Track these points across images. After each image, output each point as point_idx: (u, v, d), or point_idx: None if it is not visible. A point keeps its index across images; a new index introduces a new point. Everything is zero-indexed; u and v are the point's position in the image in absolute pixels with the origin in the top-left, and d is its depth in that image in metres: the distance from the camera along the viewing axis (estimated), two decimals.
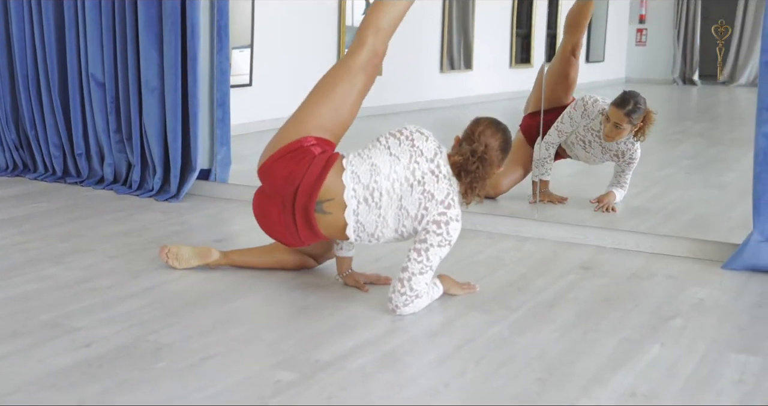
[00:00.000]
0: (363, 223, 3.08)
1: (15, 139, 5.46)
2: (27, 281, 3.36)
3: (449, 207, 3.04)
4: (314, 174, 3.10)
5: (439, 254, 3.04)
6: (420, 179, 3.07)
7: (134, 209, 4.61)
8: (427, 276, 3.04)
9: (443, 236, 3.02)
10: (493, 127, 3.14)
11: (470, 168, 3.08)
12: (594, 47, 6.85)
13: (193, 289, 3.32)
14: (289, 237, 3.21)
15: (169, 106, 4.77)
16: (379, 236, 3.12)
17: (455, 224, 3.04)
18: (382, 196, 3.07)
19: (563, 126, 4.74)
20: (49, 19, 5.15)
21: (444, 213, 3.03)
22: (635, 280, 3.52)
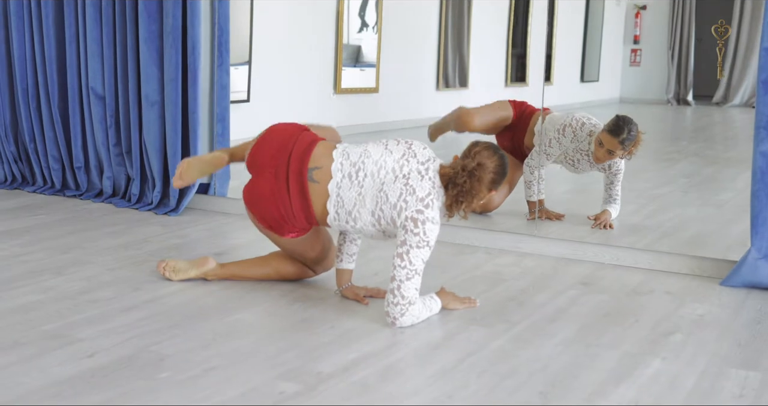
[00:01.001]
0: (343, 198, 3.18)
1: (14, 152, 5.47)
2: (28, 292, 3.36)
3: (428, 206, 3.07)
4: (305, 142, 3.28)
5: (421, 257, 3.06)
6: (406, 174, 3.13)
7: (133, 223, 4.62)
8: (415, 281, 3.06)
9: (420, 237, 3.04)
10: (491, 150, 3.16)
11: (458, 181, 3.10)
12: (588, 67, 6.90)
13: (193, 302, 3.32)
14: (282, 210, 3.25)
15: (169, 121, 4.79)
16: (356, 217, 3.17)
17: (431, 225, 3.06)
18: (366, 177, 3.17)
19: (551, 149, 4.74)
20: (50, 33, 5.17)
21: (422, 211, 3.06)
22: (634, 296, 3.53)
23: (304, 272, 3.59)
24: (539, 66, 6.39)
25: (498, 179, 3.17)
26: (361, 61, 6.92)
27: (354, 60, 6.87)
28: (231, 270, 3.58)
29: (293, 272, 3.58)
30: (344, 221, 3.21)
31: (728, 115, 6.63)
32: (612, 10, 6.87)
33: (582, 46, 6.85)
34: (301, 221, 3.29)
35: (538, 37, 6.38)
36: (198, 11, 4.69)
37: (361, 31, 6.91)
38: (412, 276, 3.05)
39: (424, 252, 3.06)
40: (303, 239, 3.41)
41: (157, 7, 4.78)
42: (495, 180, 3.16)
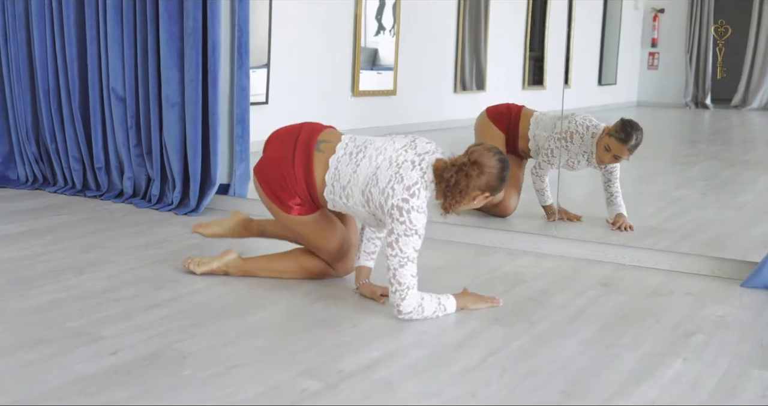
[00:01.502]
0: (340, 172, 3.28)
1: (35, 153, 5.51)
2: (50, 290, 3.39)
3: (413, 195, 3.10)
4: (318, 124, 3.49)
5: (411, 245, 3.10)
6: (400, 163, 3.18)
7: (154, 223, 4.65)
8: (409, 268, 3.10)
9: (407, 225, 3.08)
10: (491, 152, 3.16)
11: (445, 175, 3.13)
12: (606, 70, 6.89)
13: (215, 301, 3.34)
14: (284, 172, 3.35)
15: (190, 122, 4.82)
16: (348, 194, 3.26)
17: (416, 214, 3.09)
18: (364, 158, 3.26)
19: (557, 158, 4.75)
20: (71, 34, 5.20)
21: (407, 200, 3.09)
22: (655, 297, 3.53)
23: (326, 269, 3.61)
24: (556, 69, 6.38)
25: (493, 182, 3.15)
26: (378, 64, 6.93)
27: (371, 63, 6.89)
28: (253, 263, 3.64)
29: (315, 267, 3.60)
30: (338, 196, 3.30)
31: (747, 118, 6.61)
32: (630, 13, 6.85)
33: (600, 50, 6.83)
34: (302, 186, 3.35)
35: (555, 40, 6.38)
36: (218, 13, 4.71)
37: (378, 34, 6.93)
38: (405, 263, 3.10)
39: (413, 240, 3.11)
40: (312, 223, 3.46)
41: (177, 9, 4.81)
42: (490, 182, 3.15)
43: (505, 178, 3.19)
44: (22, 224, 4.54)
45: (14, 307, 3.17)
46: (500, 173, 3.16)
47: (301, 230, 3.50)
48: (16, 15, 5.40)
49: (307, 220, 3.45)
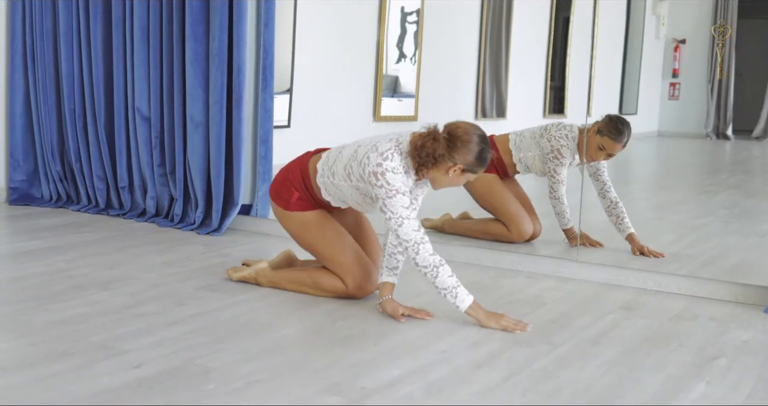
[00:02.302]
0: (329, 157, 3.51)
1: (60, 171, 5.56)
2: (75, 305, 3.41)
3: (386, 159, 3.26)
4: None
5: (399, 204, 3.25)
6: (378, 139, 3.39)
7: (176, 241, 4.67)
8: (407, 225, 3.25)
9: (386, 187, 3.25)
10: (472, 127, 3.30)
11: (418, 143, 3.26)
12: (627, 100, 6.89)
13: (237, 318, 3.35)
14: (285, 173, 3.65)
15: (213, 142, 4.85)
16: (334, 171, 3.45)
17: (392, 174, 3.25)
18: (349, 144, 3.50)
19: (563, 174, 4.77)
20: (98, 54, 5.27)
21: (380, 164, 3.26)
22: (678, 321, 3.52)
23: (338, 286, 3.62)
24: (577, 98, 6.39)
25: (469, 157, 3.27)
26: (399, 91, 6.96)
27: (392, 90, 6.92)
28: (279, 275, 3.76)
29: (327, 283, 3.63)
30: (326, 176, 3.48)
31: None
32: (651, 44, 6.86)
33: (621, 79, 6.84)
34: (298, 179, 3.58)
35: (577, 69, 6.39)
36: (244, 35, 4.76)
37: (399, 62, 6.96)
38: (401, 222, 3.25)
39: (398, 199, 3.25)
40: (315, 224, 3.61)
41: (203, 30, 4.86)
42: (465, 157, 3.26)
43: (484, 158, 3.31)
44: (46, 240, 4.57)
45: (39, 320, 3.20)
46: (477, 148, 3.28)
47: (307, 236, 3.63)
48: (44, 35, 5.48)
49: (309, 219, 3.61)
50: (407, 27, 6.69)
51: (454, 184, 3.40)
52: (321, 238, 3.61)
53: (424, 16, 6.65)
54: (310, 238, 3.64)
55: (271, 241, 4.80)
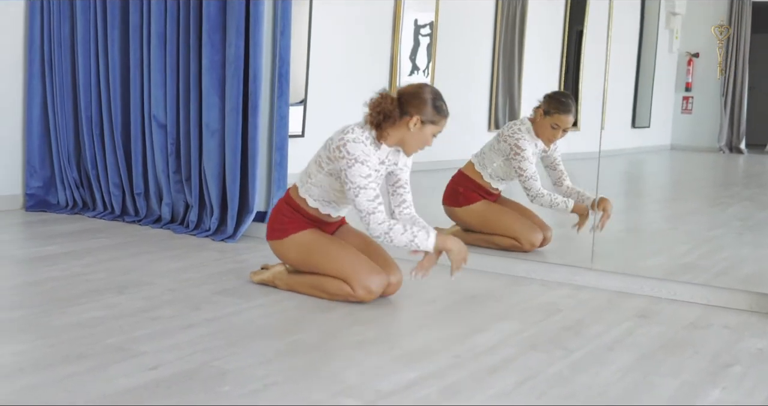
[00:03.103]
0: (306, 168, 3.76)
1: (76, 178, 5.60)
2: (91, 308, 3.43)
3: (347, 132, 3.51)
4: None
5: (357, 173, 3.44)
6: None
7: (191, 248, 4.69)
8: (363, 195, 3.45)
9: (346, 158, 3.45)
10: (422, 84, 3.60)
11: (373, 106, 3.54)
12: (640, 114, 6.90)
13: (252, 322, 3.37)
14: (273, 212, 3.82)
15: (229, 149, 4.88)
16: (309, 172, 3.67)
17: (353, 144, 3.46)
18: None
19: (531, 165, 4.79)
20: (115, 62, 5.31)
21: (342, 138, 3.50)
22: (692, 329, 3.52)
23: (342, 287, 3.63)
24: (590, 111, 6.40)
25: (422, 106, 3.49)
26: None
27: None
28: (295, 278, 3.80)
29: (332, 286, 3.66)
30: (305, 182, 3.67)
31: None
32: (664, 57, 6.87)
33: (634, 93, 6.85)
34: (282, 206, 3.76)
35: (589, 82, 6.40)
36: (260, 42, 4.79)
37: (412, 73, 6.99)
38: (358, 192, 3.45)
39: (357, 168, 3.44)
40: (312, 242, 3.69)
41: (220, 38, 4.90)
42: (419, 106, 3.49)
43: (438, 105, 3.54)
44: (62, 245, 4.60)
45: (56, 323, 3.22)
46: (429, 96, 3.52)
47: (308, 257, 3.70)
48: (62, 42, 5.52)
49: (306, 239, 3.70)
50: (420, 39, 6.72)
51: (421, 142, 3.58)
52: (321, 254, 3.67)
53: (437, 29, 6.67)
54: (311, 258, 3.70)
55: None
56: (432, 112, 3.52)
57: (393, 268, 3.71)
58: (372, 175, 3.48)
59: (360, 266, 3.62)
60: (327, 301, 3.67)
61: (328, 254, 3.66)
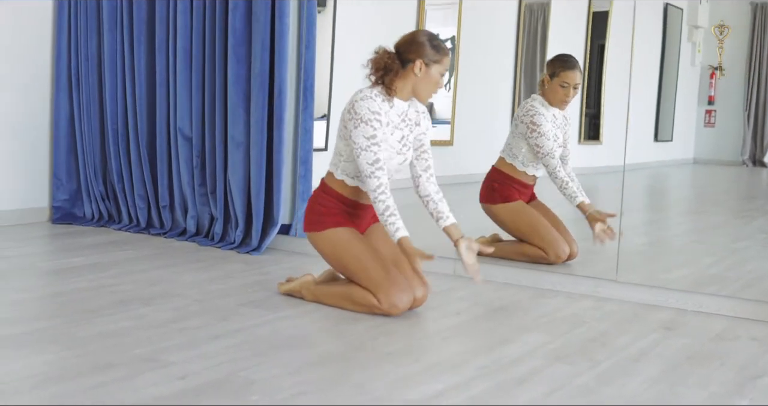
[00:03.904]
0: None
1: (102, 191, 5.64)
2: (119, 319, 3.45)
3: (356, 94, 3.61)
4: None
5: (360, 134, 3.52)
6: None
7: (216, 260, 4.72)
8: (363, 156, 3.52)
9: (354, 118, 3.54)
10: (413, 30, 3.71)
11: (374, 62, 3.63)
12: (662, 127, 6.88)
13: (279, 333, 3.38)
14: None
15: (254, 162, 4.91)
16: (337, 151, 3.71)
17: (360, 102, 3.55)
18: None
19: (548, 141, 4.80)
20: (141, 76, 5.36)
21: (351, 100, 3.61)
22: (719, 341, 3.51)
23: (369, 298, 3.63)
24: (612, 125, 6.40)
25: (418, 47, 3.58)
26: (435, 117, 7.00)
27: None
28: (321, 288, 3.82)
29: (359, 295, 3.66)
30: (337, 162, 3.70)
31: None
32: (686, 71, 6.85)
33: (656, 106, 6.84)
34: (318, 194, 3.78)
35: (612, 96, 6.40)
36: (285, 56, 4.83)
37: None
38: (359, 153, 3.52)
39: (361, 129, 3.52)
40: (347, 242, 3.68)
41: (245, 52, 4.94)
42: (418, 49, 3.58)
43: (436, 44, 3.60)
44: (88, 257, 4.64)
45: (84, 333, 3.24)
46: (423, 38, 3.61)
47: (340, 255, 3.69)
48: (89, 57, 5.58)
49: (341, 237, 3.68)
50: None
51: (432, 85, 3.64)
52: (354, 258, 3.67)
53: (459, 43, 6.69)
54: (344, 259, 3.70)
55: (310, 260, 4.83)
56: (432, 52, 3.59)
57: (421, 282, 3.71)
58: (377, 136, 3.52)
59: (389, 280, 3.61)
60: (353, 313, 3.68)
61: (361, 261, 3.65)
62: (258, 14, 4.87)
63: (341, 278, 3.96)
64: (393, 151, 3.63)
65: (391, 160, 3.64)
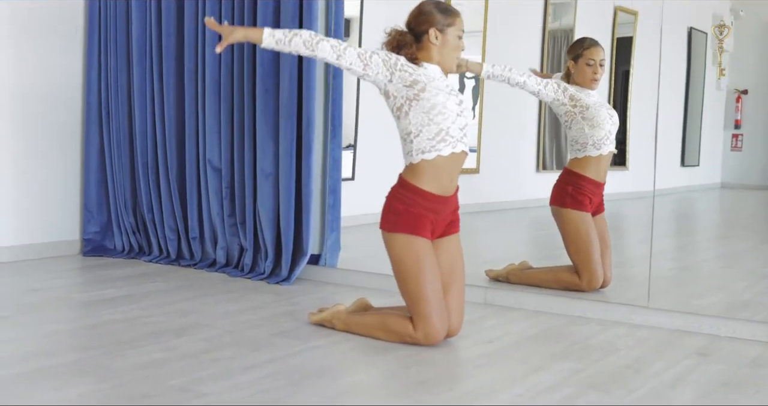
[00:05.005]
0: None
1: (132, 223, 5.69)
2: (152, 350, 3.47)
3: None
4: None
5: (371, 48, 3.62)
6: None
7: (247, 290, 4.74)
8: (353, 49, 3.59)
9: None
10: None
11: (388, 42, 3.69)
12: (689, 152, 6.86)
13: (311, 363, 3.38)
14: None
15: (283, 192, 4.94)
16: (400, 131, 3.79)
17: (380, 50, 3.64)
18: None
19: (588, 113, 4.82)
20: (171, 109, 5.41)
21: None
22: (754, 367, 3.48)
23: (406, 327, 3.62)
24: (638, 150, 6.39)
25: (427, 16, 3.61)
26: None
27: None
28: (353, 318, 3.81)
29: (395, 323, 3.65)
30: (408, 146, 3.73)
31: None
32: (712, 95, 6.84)
33: (682, 131, 6.82)
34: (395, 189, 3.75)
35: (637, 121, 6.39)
36: (313, 87, 4.87)
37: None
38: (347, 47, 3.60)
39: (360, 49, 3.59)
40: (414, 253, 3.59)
41: (273, 83, 4.98)
42: (428, 18, 3.59)
43: (443, 8, 3.61)
44: (120, 289, 4.67)
45: (118, 365, 3.26)
46: (428, 7, 3.62)
47: (407, 265, 3.59)
48: (119, 91, 5.65)
49: (414, 247, 3.58)
50: (465, 82, 6.77)
51: (452, 49, 3.66)
52: (411, 275, 3.58)
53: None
54: (401, 270, 3.61)
55: (340, 290, 4.84)
56: (441, 17, 3.60)
57: (459, 311, 3.70)
58: (374, 59, 3.57)
59: (434, 310, 3.57)
60: (384, 343, 3.67)
61: (417, 281, 3.56)
62: None
63: (372, 307, 3.97)
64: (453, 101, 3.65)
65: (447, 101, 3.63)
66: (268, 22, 4.99)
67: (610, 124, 4.85)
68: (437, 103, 3.57)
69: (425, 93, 3.56)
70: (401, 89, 3.59)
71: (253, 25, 5.09)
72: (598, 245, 4.76)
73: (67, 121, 5.79)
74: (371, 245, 3.76)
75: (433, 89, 3.57)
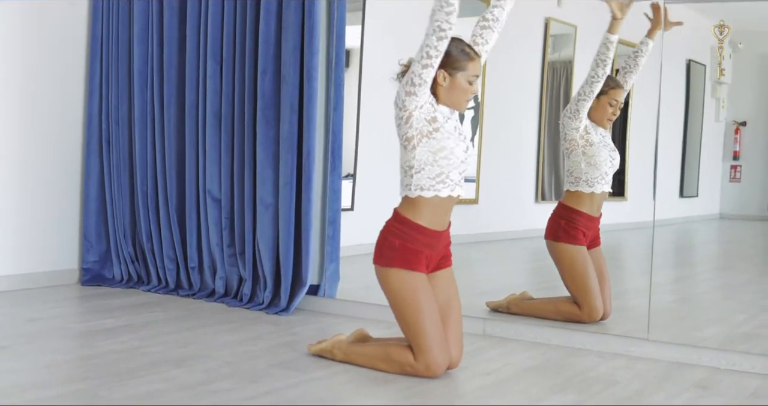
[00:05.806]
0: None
1: (131, 253, 5.69)
2: (151, 381, 3.46)
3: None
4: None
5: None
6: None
7: (246, 321, 4.73)
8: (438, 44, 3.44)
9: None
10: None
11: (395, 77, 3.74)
12: (688, 183, 6.87)
13: (312, 394, 3.38)
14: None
15: (283, 223, 4.94)
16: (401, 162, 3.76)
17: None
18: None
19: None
20: (171, 139, 5.43)
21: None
22: (754, 399, 3.47)
23: (408, 357, 3.61)
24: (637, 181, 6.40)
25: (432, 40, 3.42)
26: None
27: None
28: (354, 347, 3.79)
29: (397, 353, 3.64)
30: (407, 179, 3.70)
31: None
32: (711, 126, 6.86)
33: (681, 162, 6.84)
34: (390, 224, 3.72)
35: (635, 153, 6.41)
36: (314, 118, 4.89)
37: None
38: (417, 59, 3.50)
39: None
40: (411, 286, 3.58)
41: (274, 114, 5.00)
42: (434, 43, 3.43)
43: (460, 48, 3.56)
44: (118, 319, 4.66)
45: (118, 395, 3.25)
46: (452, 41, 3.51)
47: (404, 300, 3.58)
48: (119, 121, 5.67)
49: (412, 282, 3.58)
50: (465, 112, 6.80)
51: (461, 93, 3.61)
52: (410, 309, 3.57)
53: (484, 102, 6.75)
54: (399, 304, 3.61)
55: (339, 321, 4.83)
56: (453, 59, 3.55)
57: (459, 343, 3.70)
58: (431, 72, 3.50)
59: (434, 343, 3.56)
60: (384, 374, 3.66)
61: (416, 316, 3.55)
62: (287, 77, 4.94)
63: (371, 338, 3.96)
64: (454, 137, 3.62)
65: (456, 147, 3.61)
66: (270, 54, 5.02)
67: (609, 166, 4.86)
68: (446, 147, 3.57)
69: (438, 133, 3.56)
70: (421, 121, 3.57)
71: (254, 61, 5.12)
72: (596, 276, 4.76)
73: (67, 150, 5.80)
74: (370, 275, 3.75)
75: (446, 132, 3.58)
